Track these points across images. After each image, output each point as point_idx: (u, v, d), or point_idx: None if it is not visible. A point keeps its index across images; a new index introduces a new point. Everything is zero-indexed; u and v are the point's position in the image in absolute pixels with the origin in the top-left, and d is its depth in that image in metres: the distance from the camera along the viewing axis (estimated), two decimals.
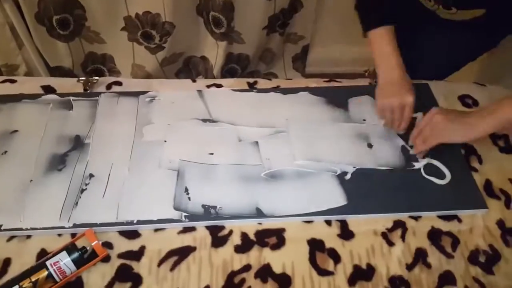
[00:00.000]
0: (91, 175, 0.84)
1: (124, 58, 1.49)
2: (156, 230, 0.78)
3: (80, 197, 0.80)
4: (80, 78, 1.04)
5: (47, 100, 0.98)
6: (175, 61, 1.53)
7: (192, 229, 0.78)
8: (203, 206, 0.80)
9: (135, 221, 0.78)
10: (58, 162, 0.86)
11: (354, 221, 0.80)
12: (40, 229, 0.76)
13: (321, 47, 1.78)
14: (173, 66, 1.54)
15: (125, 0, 1.31)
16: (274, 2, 1.39)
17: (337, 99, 1.01)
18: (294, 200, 0.81)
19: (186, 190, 0.82)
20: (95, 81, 1.03)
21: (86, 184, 0.82)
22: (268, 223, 0.79)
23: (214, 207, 0.80)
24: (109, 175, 0.84)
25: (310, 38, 1.57)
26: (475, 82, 1.11)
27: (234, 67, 1.58)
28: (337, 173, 0.86)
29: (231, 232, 0.78)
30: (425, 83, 1.05)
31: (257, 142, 0.91)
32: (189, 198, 0.81)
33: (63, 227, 0.77)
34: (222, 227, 0.79)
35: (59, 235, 0.77)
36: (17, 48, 1.37)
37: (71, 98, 0.98)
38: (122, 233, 0.77)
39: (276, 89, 1.04)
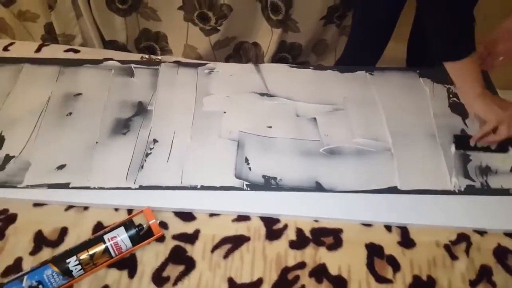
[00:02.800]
0: (155, 140, 0.85)
1: (178, 37, 1.48)
2: (211, 215, 0.77)
3: (145, 160, 0.81)
4: (144, 56, 1.04)
5: (109, 66, 1.00)
6: (227, 45, 1.51)
7: (247, 218, 0.77)
8: (264, 176, 0.80)
9: (199, 186, 0.78)
10: (122, 126, 0.87)
11: (416, 230, 0.77)
12: (107, 188, 0.77)
13: None
14: (225, 50, 1.52)
15: None
16: None
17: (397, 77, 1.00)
18: (353, 177, 0.81)
19: (247, 160, 0.83)
20: (158, 60, 1.02)
21: (151, 149, 0.83)
22: (325, 222, 0.77)
23: (275, 178, 0.80)
24: (172, 141, 0.85)
25: None
26: None
27: (285, 55, 1.55)
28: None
29: (286, 226, 0.76)
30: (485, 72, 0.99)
31: (315, 118, 0.91)
32: (249, 168, 0.81)
33: (129, 188, 0.77)
34: (277, 220, 0.77)
35: (116, 209, 0.76)
36: (75, 18, 1.38)
37: (132, 65, 1.00)
38: (178, 215, 0.76)
39: (333, 67, 1.04)
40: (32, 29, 1.50)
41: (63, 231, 0.73)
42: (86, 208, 0.76)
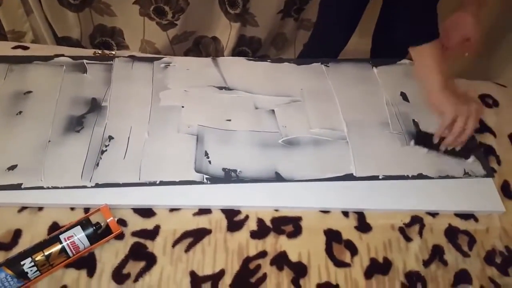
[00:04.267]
0: (110, 137, 0.83)
1: (134, 32, 1.46)
2: (172, 210, 0.76)
3: (100, 158, 0.80)
4: (96, 51, 1.01)
5: (60, 62, 0.96)
6: (186, 39, 1.50)
7: (208, 211, 0.77)
8: (224, 169, 0.81)
9: (157, 182, 0.77)
10: (75, 124, 0.85)
11: (372, 214, 0.79)
12: (62, 188, 0.75)
13: None
14: (183, 44, 1.51)
15: None
16: None
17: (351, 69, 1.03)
18: (311, 166, 0.83)
19: (206, 154, 0.83)
20: (111, 55, 1.00)
21: (106, 146, 0.81)
22: (285, 211, 0.78)
23: (235, 171, 0.81)
24: (128, 137, 0.84)
25: None
26: (495, 83, 1.11)
27: (245, 49, 1.56)
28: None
29: (247, 217, 0.77)
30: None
31: (273, 110, 0.92)
32: (209, 162, 0.81)
33: (85, 186, 0.75)
34: (238, 212, 0.77)
35: (72, 209, 0.74)
36: (25, 14, 1.32)
37: (85, 61, 0.97)
38: (137, 211, 0.75)
39: (290, 59, 1.05)
40: None
41: (17, 233, 0.70)
42: (40, 208, 0.74)
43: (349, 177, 0.82)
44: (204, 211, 0.77)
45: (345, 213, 0.79)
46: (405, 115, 0.94)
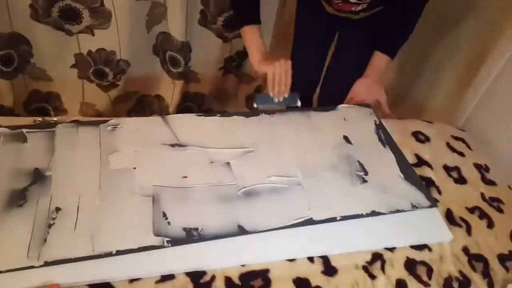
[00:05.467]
0: (57, 209, 0.78)
1: (73, 96, 1.42)
2: (131, 281, 0.72)
3: (48, 232, 0.74)
4: (37, 119, 0.97)
5: None
6: (129, 99, 1.48)
7: (171, 277, 0.73)
8: (185, 229, 0.78)
9: (113, 252, 0.73)
10: (18, 198, 0.79)
11: (335, 257, 0.81)
12: (6, 271, 0.68)
13: None
14: (126, 104, 1.50)
15: (77, 37, 1.26)
16: (230, 44, 1.43)
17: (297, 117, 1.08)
18: (271, 215, 0.83)
19: (164, 215, 0.80)
20: (53, 121, 0.96)
21: (53, 219, 0.76)
22: (251, 264, 0.77)
23: (196, 229, 0.78)
24: (78, 207, 0.79)
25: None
26: (423, 120, 1.22)
27: (190, 105, 1.58)
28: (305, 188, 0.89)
29: (213, 277, 0.74)
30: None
31: (228, 163, 0.92)
32: (168, 223, 0.78)
33: (32, 266, 0.69)
34: (203, 273, 0.75)
35: None
36: None
37: (24, 130, 0.92)
38: (93, 287, 0.69)
39: (238, 112, 1.08)
40: None
41: None
42: None
43: (309, 222, 0.83)
44: (167, 277, 0.73)
45: (310, 259, 0.80)
46: (350, 156, 0.99)
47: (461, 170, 1.06)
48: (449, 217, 0.93)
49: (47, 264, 0.70)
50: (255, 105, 1.08)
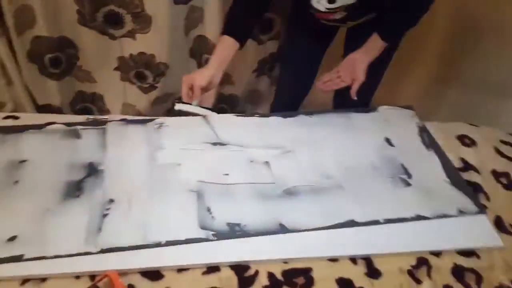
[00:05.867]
0: (111, 200, 0.83)
1: (115, 97, 1.48)
2: (180, 270, 0.75)
3: (103, 222, 0.78)
4: (89, 117, 1.03)
5: (53, 130, 0.97)
6: (166, 100, 1.53)
7: (217, 269, 0.76)
8: (228, 224, 0.81)
9: (163, 242, 0.77)
10: (74, 189, 0.84)
11: (378, 259, 0.80)
12: (65, 256, 0.72)
13: None
14: (164, 105, 1.55)
15: (120, 41, 1.32)
16: (265, 47, 1.46)
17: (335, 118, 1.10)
18: (312, 215, 0.84)
19: (209, 209, 0.83)
20: (104, 119, 1.01)
21: (107, 209, 0.81)
22: (294, 262, 0.79)
23: (239, 225, 0.81)
24: (129, 199, 0.83)
25: None
26: (468, 123, 1.19)
27: (223, 106, 1.62)
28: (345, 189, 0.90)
29: (257, 272, 0.76)
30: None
31: (267, 162, 0.95)
32: (212, 217, 0.82)
33: (89, 253, 0.74)
34: (247, 267, 0.77)
35: (77, 277, 0.72)
36: (5, 85, 1.32)
37: (78, 127, 0.98)
38: (145, 275, 0.74)
39: (276, 113, 1.11)
40: None
41: None
42: (43, 279, 0.71)
43: (351, 223, 0.84)
44: (213, 269, 0.76)
45: (353, 260, 0.80)
46: (392, 159, 0.99)
47: (511, 176, 1.02)
48: (499, 224, 0.90)
49: (102, 251, 0.74)
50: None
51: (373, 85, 1.15)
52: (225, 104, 1.61)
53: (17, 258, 0.71)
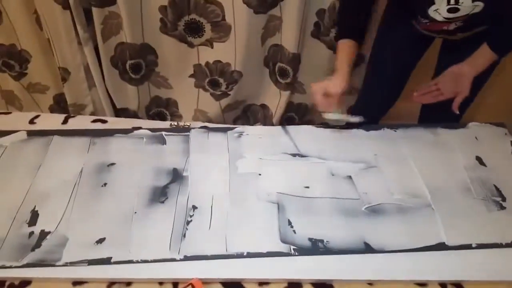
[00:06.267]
0: (194, 207, 0.83)
1: (188, 103, 1.51)
2: (261, 284, 0.74)
3: (187, 228, 0.79)
4: (172, 123, 1.05)
5: (140, 135, 1.00)
6: (236, 108, 1.54)
7: (298, 285, 0.74)
8: (310, 239, 0.79)
9: (245, 253, 0.76)
10: (160, 194, 0.85)
11: (471, 286, 0.75)
12: (151, 261, 0.74)
13: None
14: (233, 112, 1.55)
15: (197, 49, 1.34)
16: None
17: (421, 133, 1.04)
18: (399, 235, 0.80)
19: (290, 223, 0.81)
20: (186, 126, 1.03)
21: (191, 216, 0.81)
22: (380, 284, 0.75)
23: (321, 241, 0.79)
24: (211, 206, 0.84)
25: None
26: None
27: (292, 115, 1.60)
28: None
29: None
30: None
31: (350, 177, 0.91)
32: (294, 231, 0.80)
33: (174, 259, 0.74)
34: (330, 286, 0.74)
35: (160, 283, 0.72)
36: (88, 88, 1.39)
37: (163, 133, 1.00)
38: (226, 285, 0.73)
39: (358, 126, 1.07)
40: (40, 100, 1.51)
41: None
42: (129, 283, 0.72)
43: (441, 247, 0.79)
44: (294, 285, 0.74)
45: (443, 285, 0.75)
46: (485, 180, 0.92)
47: None
48: None
49: (186, 258, 0.74)
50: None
51: (470, 100, 1.07)
52: (294, 112, 1.59)
53: (106, 261, 0.73)
